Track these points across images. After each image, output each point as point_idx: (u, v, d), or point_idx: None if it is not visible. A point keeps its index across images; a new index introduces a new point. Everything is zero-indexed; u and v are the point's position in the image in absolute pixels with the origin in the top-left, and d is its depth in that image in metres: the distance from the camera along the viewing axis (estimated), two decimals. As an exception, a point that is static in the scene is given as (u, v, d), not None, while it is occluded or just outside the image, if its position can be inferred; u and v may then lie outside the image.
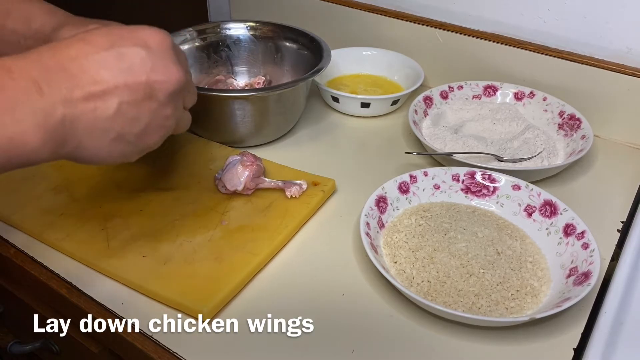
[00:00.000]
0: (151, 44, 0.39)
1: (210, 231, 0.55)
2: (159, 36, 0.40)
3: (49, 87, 0.35)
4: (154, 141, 0.42)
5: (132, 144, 0.41)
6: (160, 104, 0.40)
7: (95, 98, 0.37)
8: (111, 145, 0.39)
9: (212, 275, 0.50)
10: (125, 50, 0.38)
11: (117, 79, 0.37)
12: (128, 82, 0.38)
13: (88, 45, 0.37)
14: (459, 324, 0.48)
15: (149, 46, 0.39)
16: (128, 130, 0.39)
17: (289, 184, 0.60)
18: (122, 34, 0.39)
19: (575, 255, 0.52)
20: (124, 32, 0.39)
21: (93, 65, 0.37)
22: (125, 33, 0.39)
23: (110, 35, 0.38)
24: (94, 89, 0.37)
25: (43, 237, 0.55)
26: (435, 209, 0.59)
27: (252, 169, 0.59)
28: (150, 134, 0.41)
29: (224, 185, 0.59)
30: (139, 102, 0.39)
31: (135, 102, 0.39)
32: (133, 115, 0.39)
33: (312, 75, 0.67)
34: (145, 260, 0.52)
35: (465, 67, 0.82)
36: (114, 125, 0.38)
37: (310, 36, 0.76)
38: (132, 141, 0.41)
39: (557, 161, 0.67)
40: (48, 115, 0.35)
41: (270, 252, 0.54)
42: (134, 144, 0.41)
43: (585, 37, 0.73)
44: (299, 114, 0.74)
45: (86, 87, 0.36)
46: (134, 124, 0.39)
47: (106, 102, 0.37)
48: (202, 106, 0.53)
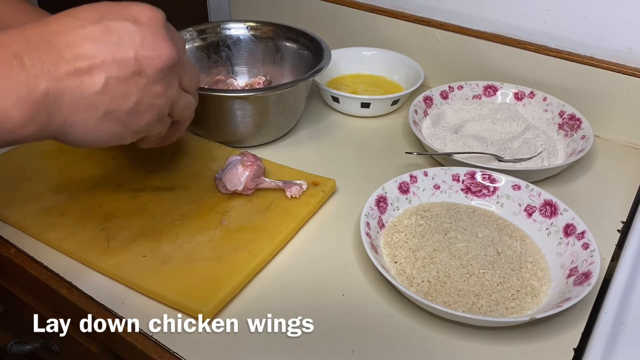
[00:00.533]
0: (142, 19, 0.38)
1: (211, 231, 0.55)
2: (150, 12, 0.39)
3: (31, 60, 0.34)
4: (145, 121, 0.41)
5: (122, 123, 0.39)
6: (150, 80, 0.39)
7: (81, 73, 0.36)
8: (99, 123, 0.38)
9: (212, 275, 0.50)
10: (114, 24, 0.37)
11: (104, 53, 0.36)
12: (116, 57, 0.37)
13: (74, 19, 0.36)
14: (459, 324, 0.48)
15: (140, 21, 0.38)
16: (116, 107, 0.38)
17: (289, 184, 0.60)
18: (111, 8, 0.38)
19: (575, 256, 0.52)
20: (114, 6, 0.38)
21: (79, 39, 0.36)
22: (115, 7, 0.38)
23: (100, 9, 0.37)
24: (79, 63, 0.35)
25: (43, 237, 0.55)
26: (436, 209, 0.59)
27: (252, 169, 0.59)
28: (142, 113, 0.40)
29: (224, 185, 0.59)
30: (127, 78, 0.37)
31: (124, 78, 0.37)
32: (121, 92, 0.38)
33: (312, 75, 0.67)
34: (146, 260, 0.52)
35: (465, 67, 0.82)
36: (102, 101, 0.37)
37: (311, 36, 0.76)
38: (122, 119, 0.39)
39: (557, 161, 0.67)
40: (31, 89, 0.34)
41: (270, 252, 0.54)
42: (124, 123, 0.39)
43: (585, 37, 0.73)
44: (299, 114, 0.74)
45: (71, 61, 0.35)
46: (123, 101, 0.38)
47: (93, 77, 0.36)
48: (201, 106, 0.53)
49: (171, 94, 0.42)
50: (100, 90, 0.36)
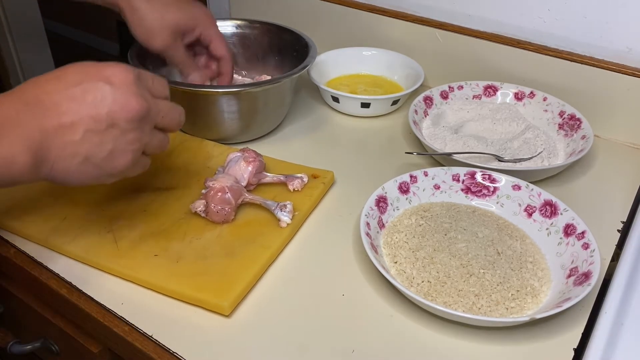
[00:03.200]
0: (114, 80, 0.44)
1: (218, 227, 0.56)
2: (122, 73, 0.45)
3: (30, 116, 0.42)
4: (122, 164, 0.47)
5: (100, 167, 0.46)
6: (123, 130, 0.45)
7: (64, 127, 0.43)
8: (80, 167, 0.44)
9: (227, 270, 0.51)
10: (90, 86, 0.43)
11: (82, 111, 0.43)
12: (91, 114, 0.43)
13: (60, 82, 0.44)
14: (459, 324, 0.48)
15: (112, 82, 0.44)
16: (93, 154, 0.44)
17: (290, 178, 0.61)
18: (90, 71, 0.45)
19: (575, 256, 0.52)
20: (93, 68, 0.45)
21: (63, 99, 0.43)
22: (94, 69, 0.45)
23: (81, 73, 0.44)
24: (63, 119, 0.42)
25: (49, 243, 0.55)
26: (436, 209, 0.59)
27: (254, 164, 0.59)
28: (117, 158, 0.46)
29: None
30: (102, 131, 0.44)
31: (99, 131, 0.44)
32: (97, 141, 0.44)
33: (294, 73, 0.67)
34: (158, 259, 0.52)
35: (465, 67, 0.82)
36: (80, 150, 0.44)
37: (297, 34, 0.76)
38: (100, 164, 0.45)
39: (557, 161, 0.67)
40: (31, 141, 0.41)
41: (280, 244, 0.55)
42: (102, 167, 0.46)
43: (585, 37, 0.73)
44: (284, 112, 0.74)
45: (56, 117, 0.42)
46: (99, 149, 0.44)
47: (73, 130, 0.43)
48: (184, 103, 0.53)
49: (144, 139, 0.47)
50: (78, 140, 0.43)
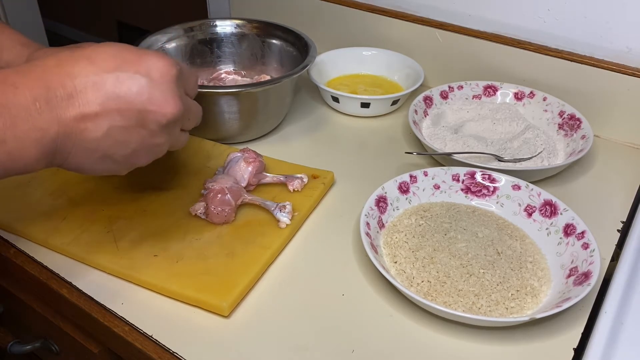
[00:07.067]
0: (154, 75, 0.39)
1: (218, 228, 0.56)
2: (164, 68, 0.40)
3: (47, 105, 0.36)
4: (142, 163, 0.43)
5: (118, 163, 0.41)
6: (152, 133, 0.41)
7: (86, 119, 0.38)
8: (96, 162, 0.40)
9: (227, 270, 0.51)
10: (125, 77, 0.38)
11: (110, 104, 0.38)
12: (121, 108, 0.38)
13: (91, 65, 0.38)
14: (459, 324, 0.48)
15: (152, 76, 0.39)
16: (114, 152, 0.40)
17: (290, 178, 0.61)
18: (128, 57, 0.39)
19: (575, 255, 0.52)
20: (131, 55, 0.39)
21: (91, 86, 0.37)
22: (132, 57, 0.39)
23: (116, 57, 0.39)
24: (86, 110, 0.37)
25: (49, 243, 0.55)
26: (435, 209, 0.59)
27: (254, 165, 0.59)
28: (139, 157, 0.42)
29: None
30: (129, 128, 0.39)
31: (126, 128, 0.39)
32: (122, 139, 0.39)
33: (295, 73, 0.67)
34: (157, 259, 0.52)
35: (465, 67, 0.82)
36: (101, 146, 0.39)
37: (297, 34, 0.76)
38: (119, 161, 0.41)
39: (557, 161, 0.67)
40: (45, 134, 0.36)
41: (280, 245, 0.55)
42: (120, 163, 0.42)
43: (585, 37, 0.73)
44: (284, 111, 0.74)
45: (79, 107, 0.37)
46: (122, 147, 0.40)
47: (96, 124, 0.38)
48: None
49: (172, 140, 0.43)
50: (101, 136, 0.38)
